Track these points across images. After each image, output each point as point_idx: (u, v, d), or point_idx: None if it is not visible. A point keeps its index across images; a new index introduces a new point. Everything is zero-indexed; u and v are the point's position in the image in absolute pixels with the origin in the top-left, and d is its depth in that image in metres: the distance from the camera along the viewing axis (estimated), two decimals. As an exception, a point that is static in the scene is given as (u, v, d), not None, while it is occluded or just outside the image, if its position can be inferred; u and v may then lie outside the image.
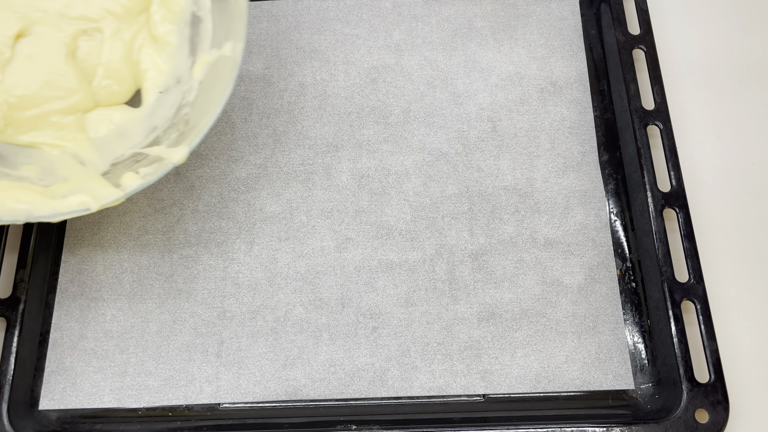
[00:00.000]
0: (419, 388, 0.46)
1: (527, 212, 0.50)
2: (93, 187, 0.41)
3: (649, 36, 0.54)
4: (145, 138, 0.46)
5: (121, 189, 0.41)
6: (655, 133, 0.52)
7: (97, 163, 0.45)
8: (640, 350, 0.47)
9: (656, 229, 0.47)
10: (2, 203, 0.39)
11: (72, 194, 0.41)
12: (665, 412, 0.44)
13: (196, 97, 0.45)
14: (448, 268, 0.49)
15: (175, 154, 0.42)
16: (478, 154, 0.52)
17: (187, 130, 0.44)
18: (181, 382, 0.46)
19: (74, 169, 0.44)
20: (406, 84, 0.55)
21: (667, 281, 0.46)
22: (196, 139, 0.42)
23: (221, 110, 0.42)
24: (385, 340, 0.47)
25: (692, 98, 0.56)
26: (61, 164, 0.44)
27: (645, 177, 0.49)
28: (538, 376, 0.46)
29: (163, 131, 0.46)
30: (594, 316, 0.47)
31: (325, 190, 0.51)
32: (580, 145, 0.52)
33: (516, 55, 0.55)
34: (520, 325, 0.47)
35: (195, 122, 0.44)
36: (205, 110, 0.43)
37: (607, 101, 0.54)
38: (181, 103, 0.46)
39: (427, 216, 0.50)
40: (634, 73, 0.53)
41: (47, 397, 0.46)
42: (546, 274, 0.49)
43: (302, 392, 0.46)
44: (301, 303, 0.48)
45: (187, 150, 0.42)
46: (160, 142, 0.45)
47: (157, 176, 0.41)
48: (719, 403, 0.43)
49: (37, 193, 0.40)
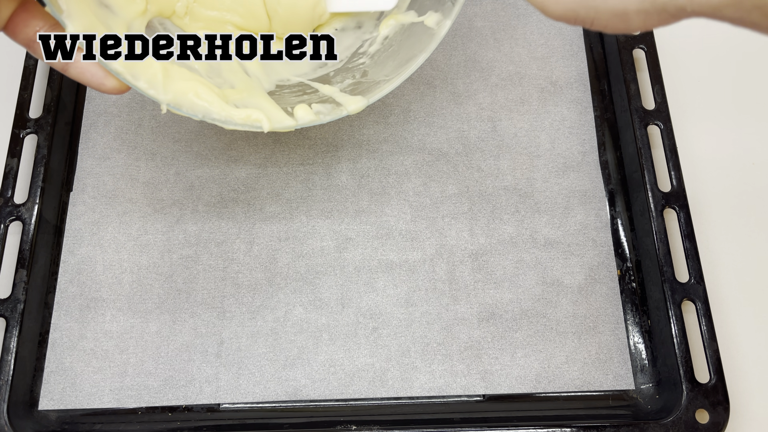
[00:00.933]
0: (419, 389, 0.46)
1: (527, 212, 0.50)
2: (266, 108, 0.40)
3: (649, 36, 0.54)
4: (313, 71, 0.45)
5: (294, 118, 0.40)
6: (655, 133, 0.52)
7: (261, 78, 0.44)
8: (640, 350, 0.47)
9: (656, 229, 0.47)
10: (185, 94, 0.38)
11: (244, 107, 0.39)
12: (665, 412, 0.44)
13: (378, 52, 0.44)
14: (448, 268, 0.49)
15: (351, 103, 0.41)
16: (478, 153, 0.52)
17: (365, 82, 0.43)
18: (180, 383, 0.46)
19: (240, 76, 0.43)
20: (405, 83, 0.54)
21: (667, 281, 0.46)
22: (376, 95, 0.41)
23: (408, 76, 0.41)
24: (385, 341, 0.47)
25: (692, 98, 0.56)
26: (228, 67, 0.43)
27: (645, 177, 0.49)
28: (538, 376, 0.46)
29: (334, 71, 0.45)
30: (594, 317, 0.47)
31: (325, 190, 0.51)
32: (580, 145, 0.52)
33: (516, 55, 0.55)
34: (520, 326, 0.47)
35: (375, 76, 0.42)
36: (387, 69, 0.42)
37: (608, 101, 0.54)
38: (358, 50, 0.45)
39: (427, 216, 0.50)
40: (634, 73, 0.53)
41: (47, 397, 0.45)
42: (546, 274, 0.49)
43: (302, 392, 0.46)
44: (300, 303, 0.48)
45: (365, 103, 0.41)
46: (330, 81, 0.44)
47: (330, 118, 0.40)
48: (719, 403, 0.43)
49: (215, 94, 0.39)
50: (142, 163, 0.52)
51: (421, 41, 0.42)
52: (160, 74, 0.37)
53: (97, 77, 0.35)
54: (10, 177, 0.49)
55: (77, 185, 0.51)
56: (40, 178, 0.49)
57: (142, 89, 0.36)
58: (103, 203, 0.50)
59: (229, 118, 0.38)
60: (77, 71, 0.35)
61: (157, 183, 0.51)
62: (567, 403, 0.46)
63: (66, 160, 0.52)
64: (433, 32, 0.41)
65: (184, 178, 0.51)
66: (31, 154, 0.51)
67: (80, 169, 0.51)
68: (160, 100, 0.37)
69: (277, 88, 0.44)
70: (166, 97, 0.37)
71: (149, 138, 0.53)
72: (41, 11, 0.35)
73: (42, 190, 0.49)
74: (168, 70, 0.38)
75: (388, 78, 0.42)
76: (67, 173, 0.52)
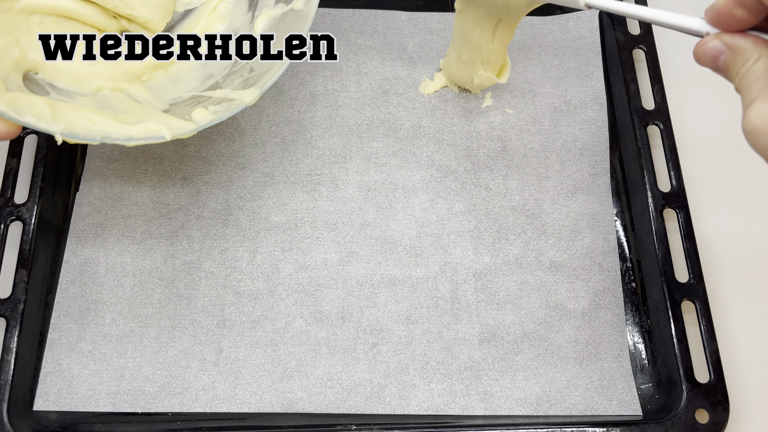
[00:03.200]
0: (417, 407, 0.45)
1: (534, 234, 0.50)
2: (163, 120, 0.40)
3: (649, 36, 0.54)
4: (202, 83, 0.46)
5: (193, 122, 0.40)
6: (655, 133, 0.52)
7: (153, 102, 0.44)
8: (640, 350, 0.47)
9: (656, 229, 0.47)
10: (77, 122, 0.38)
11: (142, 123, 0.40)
12: (665, 412, 0.44)
13: (260, 48, 0.45)
14: (451, 286, 0.48)
15: (246, 95, 0.42)
16: (487, 172, 0.52)
17: (254, 76, 0.43)
18: (177, 389, 0.46)
19: (131, 104, 0.43)
20: (417, 97, 0.54)
21: (667, 281, 0.46)
22: (268, 82, 0.42)
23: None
24: (385, 357, 0.47)
25: (692, 98, 0.56)
26: (117, 100, 0.43)
27: (645, 177, 0.49)
28: (539, 399, 0.45)
29: (222, 78, 0.45)
30: (597, 343, 0.47)
31: (331, 202, 0.51)
32: (591, 167, 0.52)
33: (530, 74, 0.55)
34: (522, 348, 0.47)
35: (262, 68, 0.43)
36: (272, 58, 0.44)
37: (608, 101, 0.54)
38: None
39: (432, 233, 0.50)
40: (634, 73, 0.53)
41: (42, 398, 0.45)
42: (550, 297, 0.48)
43: (298, 405, 0.45)
44: (301, 315, 0.48)
45: (259, 92, 0.42)
46: (221, 87, 0.45)
47: (228, 114, 0.41)
48: (719, 403, 0.43)
49: (109, 117, 0.39)
50: (150, 167, 0.52)
51: (295, 25, 0.43)
52: (47, 108, 0.37)
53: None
54: (10, 177, 0.49)
55: (83, 186, 0.51)
56: (40, 178, 0.49)
57: (31, 124, 0.36)
58: (108, 205, 0.50)
59: (128, 135, 0.38)
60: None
61: (164, 187, 0.51)
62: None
63: (66, 160, 0.52)
64: (304, 13, 0.43)
65: (190, 183, 0.51)
66: (31, 154, 0.51)
67: (87, 170, 0.51)
68: (53, 131, 0.37)
69: (171, 106, 0.44)
70: (58, 127, 0.37)
71: (158, 142, 0.53)
72: None
73: (42, 190, 0.49)
74: (54, 105, 0.38)
75: (275, 65, 0.43)
76: (68, 173, 0.52)
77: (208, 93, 0.44)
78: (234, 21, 0.48)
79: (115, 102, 0.43)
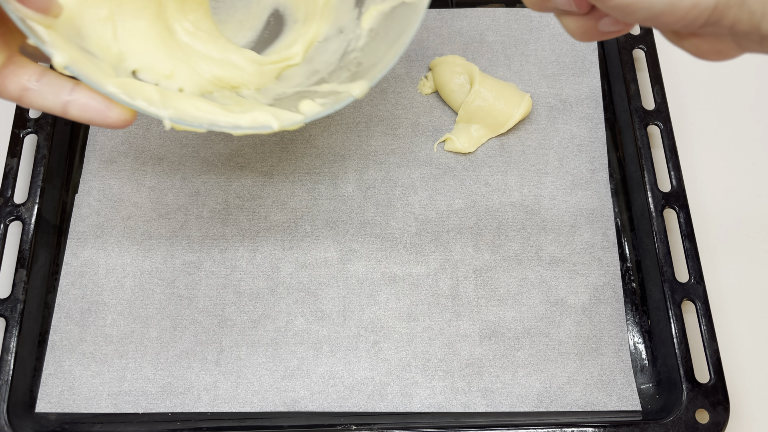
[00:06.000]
0: (419, 404, 0.45)
1: (533, 229, 0.50)
2: (271, 110, 0.40)
3: (649, 36, 0.54)
4: (307, 79, 0.45)
5: (300, 113, 0.39)
6: (655, 133, 0.52)
7: (258, 98, 0.44)
8: (640, 350, 0.47)
9: (656, 229, 0.47)
10: (185, 109, 0.38)
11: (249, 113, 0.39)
12: (665, 412, 0.44)
13: (366, 43, 0.44)
14: (451, 283, 0.48)
15: (354, 88, 0.40)
16: (486, 169, 0.52)
17: (361, 70, 0.42)
18: (178, 390, 0.46)
19: (235, 99, 0.43)
20: (415, 95, 0.54)
21: (667, 281, 0.46)
22: (378, 75, 0.40)
23: (404, 50, 0.40)
24: (386, 354, 0.47)
25: (692, 98, 0.56)
26: (221, 96, 0.43)
27: (645, 177, 0.49)
28: (539, 395, 0.45)
29: (328, 74, 0.44)
30: (597, 338, 0.47)
31: (331, 200, 0.51)
32: (589, 163, 0.52)
33: (526, 73, 0.55)
34: (522, 344, 0.47)
35: (370, 62, 0.42)
36: (380, 52, 0.42)
37: (608, 101, 0.54)
38: (346, 49, 0.45)
39: (432, 230, 0.50)
40: (634, 73, 0.53)
41: (44, 399, 0.45)
42: (550, 293, 0.48)
43: (300, 404, 0.45)
44: (302, 314, 0.48)
45: (368, 84, 0.40)
46: (327, 82, 0.44)
47: (336, 106, 0.39)
48: (719, 403, 0.43)
49: (216, 106, 0.39)
50: (149, 168, 0.52)
51: (406, 17, 0.41)
52: (156, 94, 0.37)
53: (99, 111, 0.35)
54: (10, 177, 0.49)
55: (83, 188, 0.51)
56: (40, 178, 0.49)
57: (142, 108, 0.36)
58: (108, 206, 0.50)
59: (235, 123, 0.38)
60: (78, 109, 0.34)
61: (163, 188, 0.51)
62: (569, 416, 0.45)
63: (66, 160, 0.52)
64: (415, 5, 0.41)
65: (189, 183, 0.51)
66: (31, 154, 0.51)
67: (86, 171, 0.51)
68: (161, 116, 0.36)
69: (275, 101, 0.44)
70: (168, 112, 0.37)
71: (156, 142, 0.53)
72: (28, 62, 0.34)
73: (42, 190, 0.49)
74: (163, 92, 0.38)
75: (387, 55, 0.41)
76: (68, 173, 0.52)
77: (315, 88, 0.43)
78: (339, 18, 0.46)
79: (219, 97, 0.43)
